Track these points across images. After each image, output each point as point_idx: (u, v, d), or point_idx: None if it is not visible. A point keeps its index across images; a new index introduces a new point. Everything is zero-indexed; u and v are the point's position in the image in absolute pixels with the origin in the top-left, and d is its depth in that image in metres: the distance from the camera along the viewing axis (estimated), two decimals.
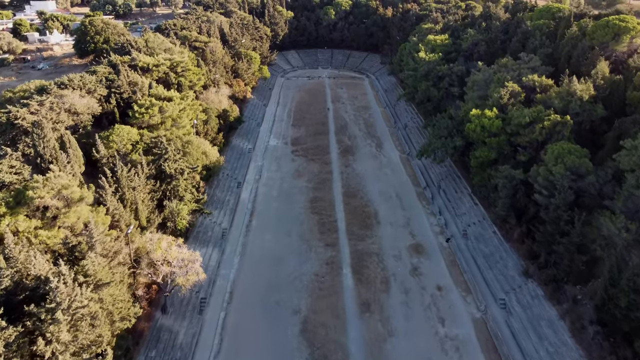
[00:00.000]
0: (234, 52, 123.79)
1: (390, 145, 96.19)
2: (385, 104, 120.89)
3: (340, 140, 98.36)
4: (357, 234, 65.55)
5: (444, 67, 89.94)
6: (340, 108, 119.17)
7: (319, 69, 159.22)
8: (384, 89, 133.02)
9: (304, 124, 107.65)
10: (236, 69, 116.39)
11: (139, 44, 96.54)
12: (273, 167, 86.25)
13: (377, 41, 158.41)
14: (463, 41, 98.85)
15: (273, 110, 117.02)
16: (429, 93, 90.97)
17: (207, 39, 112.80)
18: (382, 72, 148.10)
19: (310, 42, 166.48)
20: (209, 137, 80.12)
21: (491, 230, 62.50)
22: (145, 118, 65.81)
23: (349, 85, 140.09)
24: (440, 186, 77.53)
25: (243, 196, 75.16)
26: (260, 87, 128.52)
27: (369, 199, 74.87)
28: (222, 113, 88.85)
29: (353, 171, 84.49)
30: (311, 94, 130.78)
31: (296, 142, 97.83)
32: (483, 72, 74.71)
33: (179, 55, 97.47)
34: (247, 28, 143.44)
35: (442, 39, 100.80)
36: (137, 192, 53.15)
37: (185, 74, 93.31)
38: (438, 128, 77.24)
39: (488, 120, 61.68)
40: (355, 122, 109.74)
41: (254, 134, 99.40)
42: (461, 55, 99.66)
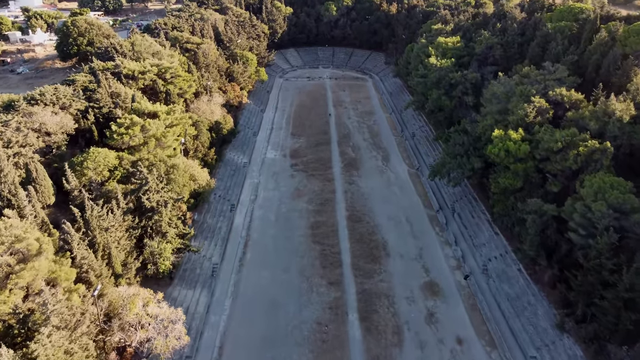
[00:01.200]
0: (228, 53, 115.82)
1: (398, 158, 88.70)
2: (391, 110, 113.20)
3: (343, 152, 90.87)
4: (363, 269, 58.38)
5: (457, 74, 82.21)
6: (343, 114, 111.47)
7: (319, 68, 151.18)
8: (389, 92, 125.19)
9: (304, 133, 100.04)
10: (231, 72, 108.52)
11: (124, 47, 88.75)
12: (270, 185, 78.87)
13: (381, 39, 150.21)
14: (476, 44, 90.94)
15: (271, 116, 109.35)
16: (440, 102, 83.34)
17: (199, 40, 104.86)
18: (387, 72, 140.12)
19: (310, 40, 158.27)
20: (200, 153, 72.66)
21: (515, 267, 55.32)
22: (125, 139, 58.31)
23: (352, 87, 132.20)
24: (454, 209, 70.23)
25: (237, 222, 67.86)
26: (257, 90, 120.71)
27: (376, 225, 67.61)
28: (214, 125, 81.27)
29: (358, 190, 77.13)
30: (311, 97, 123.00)
31: (296, 154, 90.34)
32: (504, 84, 67.01)
33: (168, 60, 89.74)
34: (243, 26, 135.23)
35: (454, 41, 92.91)
36: (110, 233, 45.83)
37: (174, 81, 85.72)
38: (452, 145, 69.79)
39: (513, 144, 54.19)
40: (359, 130, 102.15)
41: (249, 145, 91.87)
42: (474, 59, 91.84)
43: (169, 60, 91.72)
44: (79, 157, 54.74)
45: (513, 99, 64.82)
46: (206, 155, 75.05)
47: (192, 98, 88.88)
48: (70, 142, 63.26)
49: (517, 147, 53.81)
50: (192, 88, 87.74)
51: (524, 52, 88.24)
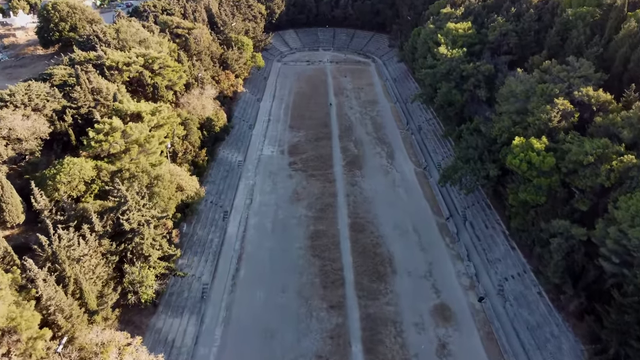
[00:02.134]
0: (223, 37, 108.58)
1: (403, 155, 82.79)
2: (395, 98, 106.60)
3: (345, 148, 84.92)
4: (368, 289, 53.30)
5: (469, 65, 75.59)
6: (345, 103, 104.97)
7: (319, 50, 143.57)
8: (393, 78, 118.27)
9: (303, 125, 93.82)
10: (225, 58, 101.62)
11: (108, 35, 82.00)
12: (267, 187, 73.27)
13: (385, 20, 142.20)
14: (489, 31, 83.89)
15: (268, 106, 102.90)
16: (450, 97, 76.93)
17: (191, 25, 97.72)
18: (390, 56, 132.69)
19: (310, 21, 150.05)
20: (189, 155, 66.78)
21: (535, 290, 50.20)
22: (105, 147, 52.40)
23: (354, 72, 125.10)
24: (466, 217, 64.81)
25: (230, 231, 62.54)
26: (253, 76, 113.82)
27: (380, 235, 62.30)
28: (205, 122, 75.09)
29: (361, 192, 71.55)
30: (311, 84, 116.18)
31: (294, 150, 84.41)
32: (523, 81, 60.64)
33: (156, 48, 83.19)
34: (238, 7, 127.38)
35: (465, 28, 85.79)
36: (84, 262, 40.49)
37: (162, 72, 79.32)
38: (465, 148, 63.93)
39: (537, 156, 48.30)
40: (362, 121, 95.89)
41: (245, 141, 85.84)
42: (487, 47, 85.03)
43: (157, 48, 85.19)
44: (51, 169, 49.01)
45: (533, 98, 58.68)
46: (197, 156, 69.23)
47: (182, 90, 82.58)
48: (45, 147, 57.56)
49: (541, 159, 47.94)
50: (182, 79, 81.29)
51: (541, 41, 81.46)
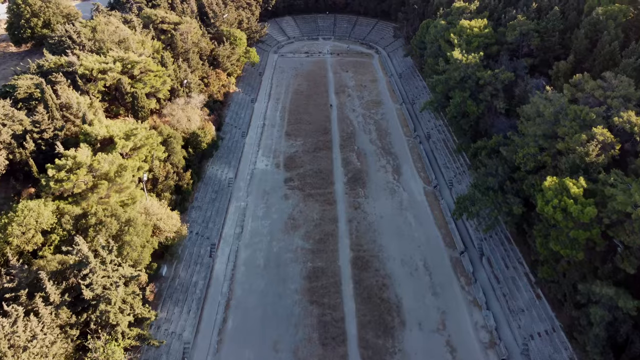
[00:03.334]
0: (213, 31, 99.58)
1: (411, 170, 75.16)
2: (402, 98, 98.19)
3: (346, 160, 77.26)
4: (373, 347, 46.55)
5: (487, 72, 67.24)
6: (346, 104, 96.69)
7: (319, 40, 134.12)
8: (399, 73, 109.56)
9: (301, 132, 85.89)
10: (216, 55, 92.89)
11: (82, 36, 73.50)
12: (260, 211, 65.94)
13: (389, 8, 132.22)
14: (508, 30, 75.14)
15: (263, 108, 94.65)
16: (464, 107, 68.81)
17: (177, 19, 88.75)
18: (395, 47, 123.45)
19: (309, 7, 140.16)
20: (171, 181, 59.17)
21: (567, 354, 43.41)
22: (67, 186, 44.84)
23: (356, 66, 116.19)
24: (482, 251, 57.71)
25: (217, 270, 55.58)
26: (247, 73, 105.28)
27: (387, 273, 55.35)
28: (191, 137, 67.23)
29: (365, 218, 64.31)
30: (310, 81, 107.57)
31: (291, 163, 76.76)
32: (553, 102, 52.57)
33: (138, 48, 74.95)
34: None
35: (480, 26, 76.97)
36: (33, 349, 33.50)
37: (144, 78, 71.26)
38: (483, 175, 56.29)
39: (574, 204, 40.72)
40: (365, 127, 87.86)
41: (236, 152, 78.07)
42: (505, 48, 76.48)
43: (139, 48, 76.81)
44: (1, 217, 41.54)
45: (564, 121, 50.80)
46: (181, 179, 61.63)
47: (166, 96, 74.55)
48: (3, 179, 50.12)
49: (580, 209, 40.38)
50: (167, 85, 73.29)
51: (566, 42, 72.98)
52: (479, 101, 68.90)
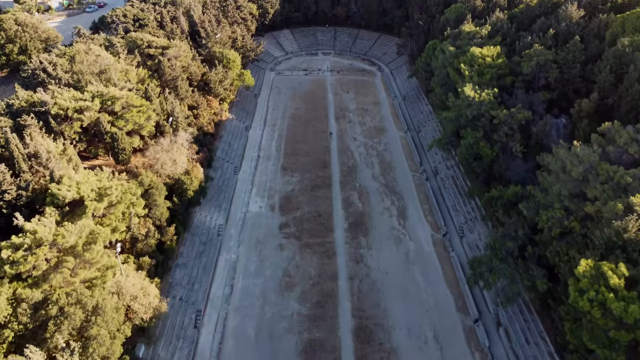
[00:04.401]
0: (205, 52, 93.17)
1: (418, 212, 69.05)
2: (406, 125, 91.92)
3: (347, 201, 71.17)
4: None
5: (502, 112, 60.98)
6: (347, 131, 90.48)
7: (318, 55, 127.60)
8: (403, 95, 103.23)
9: (298, 166, 79.77)
10: (207, 81, 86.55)
11: (59, 68, 67.14)
12: (252, 264, 59.94)
13: (392, 22, 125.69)
14: (523, 60, 68.87)
15: (258, 136, 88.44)
16: (477, 149, 62.56)
17: (165, 43, 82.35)
18: (399, 64, 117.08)
19: (308, 19, 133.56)
20: (152, 240, 53.00)
21: None
22: (25, 268, 38.75)
23: (357, 85, 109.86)
24: (499, 320, 51.60)
25: (202, 343, 49.61)
26: (242, 96, 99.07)
27: (392, 347, 49.46)
28: (176, 184, 61.06)
29: (367, 274, 58.30)
30: (309, 103, 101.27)
31: (287, 204, 70.70)
32: (580, 159, 46.34)
33: (121, 79, 68.91)
34: (225, 9, 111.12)
35: (493, 54, 70.70)
36: None
37: (126, 115, 65.05)
38: (500, 237, 50.24)
39: (615, 300, 34.58)
40: (367, 159, 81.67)
41: (228, 192, 71.95)
42: (520, 79, 70.24)
43: (121, 77, 70.74)
44: None
45: (594, 183, 44.67)
46: (163, 234, 55.49)
47: (151, 132, 68.50)
48: None
49: (623, 306, 34.23)
50: (151, 121, 67.16)
51: (587, 74, 66.71)
52: (492, 142, 62.67)
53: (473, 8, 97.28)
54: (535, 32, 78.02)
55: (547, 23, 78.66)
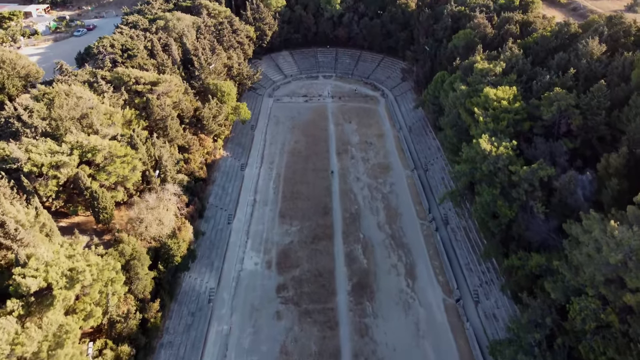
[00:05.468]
0: (198, 84, 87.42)
1: (428, 271, 63.32)
2: (412, 162, 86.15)
3: (350, 256, 65.47)
4: None
5: (523, 168, 55.17)
6: (349, 169, 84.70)
7: (319, 78, 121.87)
8: (408, 127, 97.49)
9: (297, 211, 74.10)
10: (200, 117, 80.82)
11: (35, 115, 61.51)
12: (246, 339, 54.22)
13: (397, 44, 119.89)
14: (543, 105, 63.08)
15: (254, 175, 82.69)
16: (494, 207, 56.75)
17: (155, 77, 76.66)
18: (404, 89, 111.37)
19: (308, 40, 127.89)
20: (133, 321, 47.17)
21: None
22: None
23: (360, 114, 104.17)
24: None
25: None
26: (237, 129, 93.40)
27: None
28: (162, 248, 55.25)
29: (374, 351, 52.62)
30: (309, 135, 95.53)
31: (285, 260, 65.00)
32: (618, 242, 40.50)
33: (104, 122, 63.30)
34: (220, 34, 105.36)
35: (509, 97, 64.96)
36: None
37: (109, 167, 59.30)
38: (527, 324, 44.40)
39: None
40: (372, 203, 75.93)
41: (221, 247, 66.19)
42: (539, 125, 64.52)
43: (105, 121, 65.23)
44: None
45: (637, 272, 38.83)
46: (147, 311, 49.67)
47: (137, 184, 62.86)
48: None
49: None
50: (137, 172, 61.39)
51: (613, 121, 60.99)
52: (511, 199, 56.83)
53: (483, 36, 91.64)
54: (553, 69, 72.35)
55: (565, 58, 72.96)
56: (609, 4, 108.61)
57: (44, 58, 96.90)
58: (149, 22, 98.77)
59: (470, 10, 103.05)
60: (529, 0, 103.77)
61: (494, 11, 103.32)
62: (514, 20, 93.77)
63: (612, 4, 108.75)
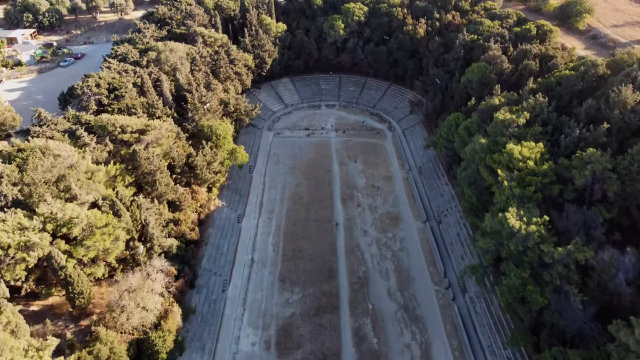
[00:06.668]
0: (192, 126, 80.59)
1: (446, 354, 56.65)
2: (424, 212, 79.32)
3: (359, 334, 58.68)
4: None
5: (558, 250, 48.29)
6: (356, 220, 77.96)
7: (321, 107, 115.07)
8: (418, 167, 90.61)
9: (299, 275, 67.44)
10: (193, 165, 73.99)
11: (5, 181, 54.79)
12: None
13: (404, 73, 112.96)
14: (575, 167, 56.23)
15: (252, 228, 75.96)
16: (523, 292, 49.85)
17: (142, 124, 69.93)
18: (412, 122, 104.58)
19: (310, 67, 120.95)
20: None
21: None
22: None
23: (366, 151, 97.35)
24: None
25: None
26: (234, 172, 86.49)
27: None
28: (145, 341, 48.37)
29: None
30: (311, 178, 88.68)
31: (286, 339, 58.31)
32: None
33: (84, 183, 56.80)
34: (216, 65, 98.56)
35: (536, 156, 58.19)
36: None
37: (86, 241, 52.65)
38: None
39: None
40: (381, 264, 69.20)
41: (214, 323, 59.36)
42: (570, 189, 57.60)
43: (85, 183, 58.66)
44: None
45: None
46: None
47: (120, 256, 56.17)
48: None
49: None
50: (120, 242, 54.71)
51: None
52: (543, 283, 49.95)
53: (500, 71, 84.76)
54: (582, 119, 65.50)
55: (594, 107, 66.08)
56: (632, 32, 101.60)
57: (27, 94, 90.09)
58: (139, 54, 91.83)
59: (484, 40, 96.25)
60: (546, 29, 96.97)
61: (510, 41, 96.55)
62: (532, 54, 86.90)
63: (635, 32, 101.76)
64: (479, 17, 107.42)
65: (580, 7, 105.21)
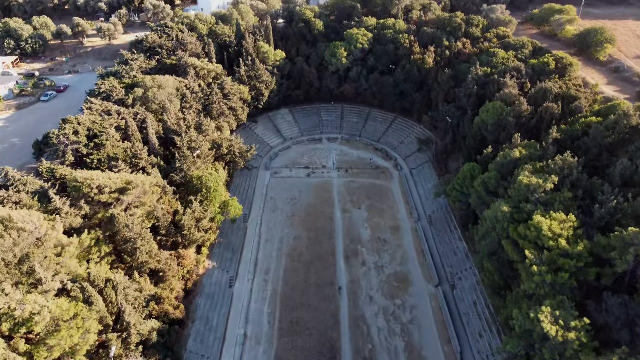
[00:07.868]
0: (180, 176, 73.20)
1: None
2: (437, 274, 71.72)
3: None
4: None
5: (600, 359, 40.79)
6: (360, 283, 70.58)
7: (323, 141, 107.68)
8: (428, 216, 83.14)
9: (297, 356, 59.80)
10: (180, 225, 66.55)
11: None
12: None
13: (412, 106, 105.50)
14: (615, 247, 48.67)
15: (246, 294, 68.58)
16: None
17: (122, 183, 62.50)
18: (420, 161, 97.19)
19: (310, 97, 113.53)
20: None
21: None
22: None
23: (371, 195, 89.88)
24: None
25: None
26: (225, 226, 79.02)
27: None
28: None
29: None
30: (311, 229, 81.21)
31: None
32: None
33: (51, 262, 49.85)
34: (209, 100, 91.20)
35: (568, 233, 50.70)
36: None
37: (50, 339, 45.62)
38: None
39: None
40: (390, 341, 61.92)
41: None
42: (609, 273, 50.09)
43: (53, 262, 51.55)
44: None
45: None
46: None
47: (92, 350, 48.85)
48: None
49: None
50: (91, 335, 47.61)
51: None
52: None
53: (519, 115, 77.32)
54: (616, 182, 58.06)
55: (631, 169, 58.58)
56: None
57: (2, 136, 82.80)
58: (125, 91, 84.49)
59: (498, 75, 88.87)
60: (566, 63, 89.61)
61: (527, 75, 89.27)
62: (553, 94, 79.46)
63: None
64: (492, 46, 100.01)
65: (602, 37, 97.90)
